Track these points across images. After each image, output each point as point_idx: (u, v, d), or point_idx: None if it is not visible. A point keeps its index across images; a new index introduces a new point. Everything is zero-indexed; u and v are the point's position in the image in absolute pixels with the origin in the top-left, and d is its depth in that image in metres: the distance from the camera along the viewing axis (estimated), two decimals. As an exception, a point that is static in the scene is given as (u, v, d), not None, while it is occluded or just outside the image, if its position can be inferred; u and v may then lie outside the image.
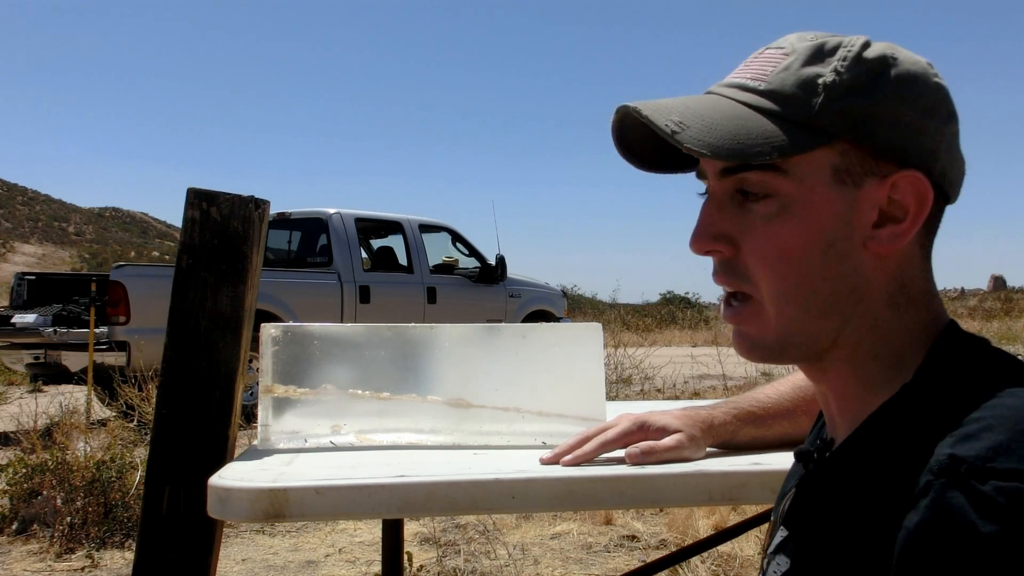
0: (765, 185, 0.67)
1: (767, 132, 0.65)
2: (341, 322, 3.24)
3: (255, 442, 1.16)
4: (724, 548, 3.16)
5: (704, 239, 0.71)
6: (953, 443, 0.55)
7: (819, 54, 0.68)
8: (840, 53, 0.68)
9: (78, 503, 3.64)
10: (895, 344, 0.68)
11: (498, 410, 1.14)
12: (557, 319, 9.97)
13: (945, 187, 0.69)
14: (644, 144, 0.75)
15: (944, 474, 0.54)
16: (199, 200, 1.26)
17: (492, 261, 9.48)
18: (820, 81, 0.66)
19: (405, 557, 2.49)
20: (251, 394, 6.36)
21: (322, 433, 1.15)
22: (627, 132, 0.74)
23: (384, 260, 9.15)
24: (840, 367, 0.70)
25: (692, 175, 0.78)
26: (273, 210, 1.99)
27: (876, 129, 0.66)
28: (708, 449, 1.05)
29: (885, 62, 0.68)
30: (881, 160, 0.67)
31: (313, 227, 8.73)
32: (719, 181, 0.70)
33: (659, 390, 9.02)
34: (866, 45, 0.68)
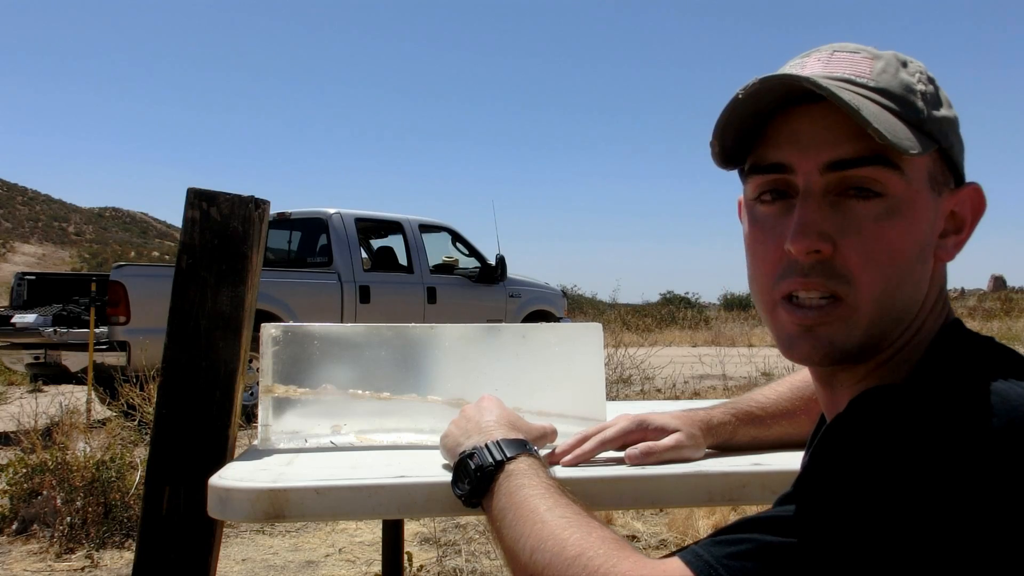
0: (881, 182, 0.66)
1: (903, 127, 0.65)
2: (341, 322, 3.24)
3: (255, 442, 1.16)
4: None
5: (812, 236, 0.67)
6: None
7: (902, 63, 0.70)
8: (913, 66, 0.70)
9: (78, 503, 3.64)
10: (922, 347, 0.70)
11: (498, 410, 1.14)
12: (557, 319, 9.97)
13: None
14: (729, 131, 0.72)
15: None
16: (199, 200, 1.26)
17: (492, 261, 9.48)
18: (918, 88, 0.68)
19: (405, 557, 2.49)
20: (251, 394, 6.37)
21: (322, 433, 1.15)
22: (738, 112, 0.70)
23: (384, 260, 9.15)
24: (869, 370, 0.71)
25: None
26: (273, 210, 1.99)
27: (954, 141, 0.69)
28: (707, 450, 1.05)
29: (937, 82, 0.71)
30: (951, 172, 0.70)
31: (313, 227, 8.73)
32: (820, 176, 0.68)
33: (659, 390, 9.03)
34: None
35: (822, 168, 0.67)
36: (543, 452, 1.04)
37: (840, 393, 0.74)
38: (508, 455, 0.83)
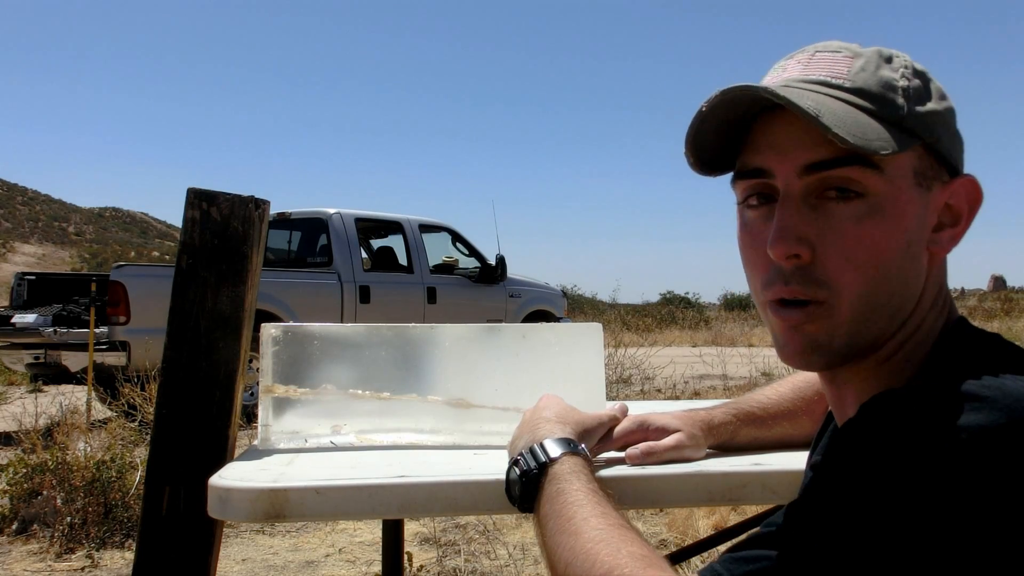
0: (860, 182, 0.66)
1: (876, 127, 0.65)
2: (341, 322, 3.24)
3: (255, 442, 1.16)
4: (724, 548, 3.15)
5: (790, 241, 0.67)
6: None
7: (884, 59, 0.69)
8: (898, 61, 0.70)
9: (78, 503, 3.64)
10: (927, 346, 0.70)
11: (498, 410, 1.14)
12: (557, 319, 9.97)
13: None
14: (706, 141, 0.73)
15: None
16: (199, 200, 1.26)
17: (492, 261, 9.48)
18: (899, 85, 0.68)
19: (405, 557, 2.49)
20: (251, 394, 6.37)
21: (322, 433, 1.15)
22: (708, 122, 0.71)
23: (384, 260, 9.15)
24: (873, 369, 0.71)
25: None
26: (273, 210, 1.99)
27: (943, 135, 0.68)
28: (708, 450, 1.05)
29: (927, 74, 0.70)
30: (943, 166, 0.69)
31: (313, 227, 8.73)
32: (799, 179, 0.68)
33: (659, 390, 9.03)
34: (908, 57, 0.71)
35: (800, 171, 0.67)
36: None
37: (845, 391, 0.74)
38: (551, 457, 0.82)
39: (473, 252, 9.61)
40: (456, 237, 9.61)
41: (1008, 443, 0.53)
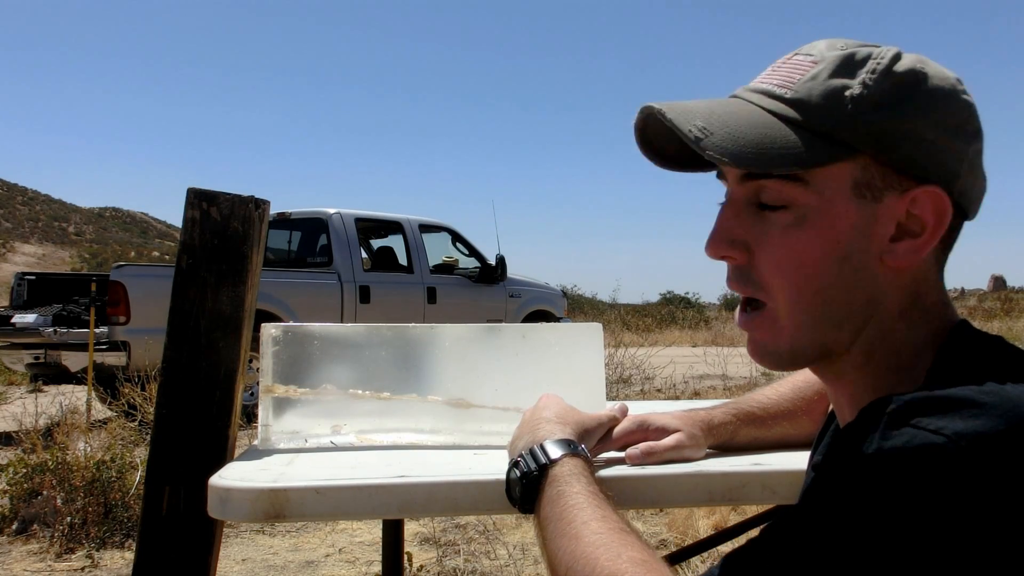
0: (783, 195, 0.67)
1: (789, 143, 0.66)
2: (341, 322, 3.24)
3: (255, 442, 1.16)
4: (724, 548, 3.15)
5: (720, 244, 0.71)
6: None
7: (848, 65, 0.67)
8: (869, 65, 0.67)
9: (78, 503, 3.64)
10: (908, 354, 0.69)
11: (498, 410, 1.14)
12: (557, 319, 9.97)
13: (964, 204, 0.69)
14: (667, 142, 0.75)
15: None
16: (199, 200, 1.26)
17: (492, 261, 9.48)
18: (847, 93, 0.66)
19: (405, 557, 2.49)
20: (251, 394, 6.37)
21: (322, 433, 1.15)
22: (650, 130, 0.74)
23: (384, 260, 9.16)
24: (853, 374, 0.71)
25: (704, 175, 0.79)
26: (273, 210, 1.99)
27: (899, 144, 0.66)
28: (708, 450, 1.05)
29: (914, 77, 0.67)
30: (902, 175, 0.67)
31: (313, 227, 8.74)
32: (739, 186, 0.71)
33: (659, 390, 9.03)
34: (896, 58, 0.68)
35: (739, 178, 0.70)
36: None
37: (839, 393, 0.75)
38: (552, 458, 0.82)
39: (473, 252, 9.61)
40: (456, 237, 9.61)
41: (1006, 450, 0.53)
